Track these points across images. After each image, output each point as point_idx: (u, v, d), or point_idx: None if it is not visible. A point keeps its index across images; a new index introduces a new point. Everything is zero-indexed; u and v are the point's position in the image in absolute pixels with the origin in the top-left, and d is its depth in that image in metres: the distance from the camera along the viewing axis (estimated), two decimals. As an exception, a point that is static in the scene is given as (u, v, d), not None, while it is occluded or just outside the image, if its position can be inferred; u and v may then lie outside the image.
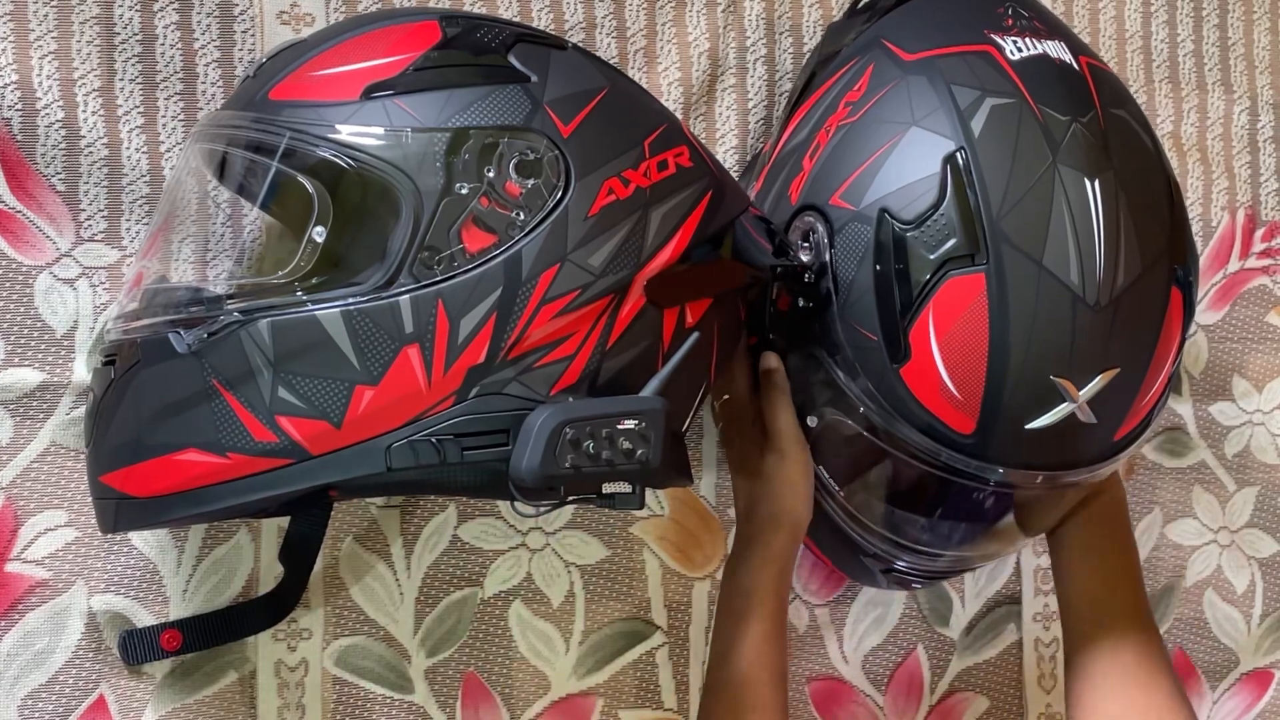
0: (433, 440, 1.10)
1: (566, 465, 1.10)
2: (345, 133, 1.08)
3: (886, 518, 1.36)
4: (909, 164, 1.22)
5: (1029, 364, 1.18)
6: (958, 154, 1.20)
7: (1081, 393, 1.19)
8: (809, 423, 1.34)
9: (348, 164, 1.08)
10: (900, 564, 1.40)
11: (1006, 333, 1.17)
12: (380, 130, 1.08)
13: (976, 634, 1.60)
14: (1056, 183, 1.18)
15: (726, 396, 1.40)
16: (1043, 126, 1.20)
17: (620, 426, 1.12)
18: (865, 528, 1.37)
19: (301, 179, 1.09)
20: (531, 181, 1.09)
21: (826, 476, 1.36)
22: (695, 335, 1.18)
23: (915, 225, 1.20)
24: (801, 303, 1.29)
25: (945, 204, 1.19)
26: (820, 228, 1.27)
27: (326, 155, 1.08)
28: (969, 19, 1.28)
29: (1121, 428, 1.24)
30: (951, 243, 1.18)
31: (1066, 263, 1.17)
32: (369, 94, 1.10)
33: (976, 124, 1.20)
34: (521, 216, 1.09)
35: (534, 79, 1.13)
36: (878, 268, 1.21)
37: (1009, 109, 1.21)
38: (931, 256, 1.19)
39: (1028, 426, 1.19)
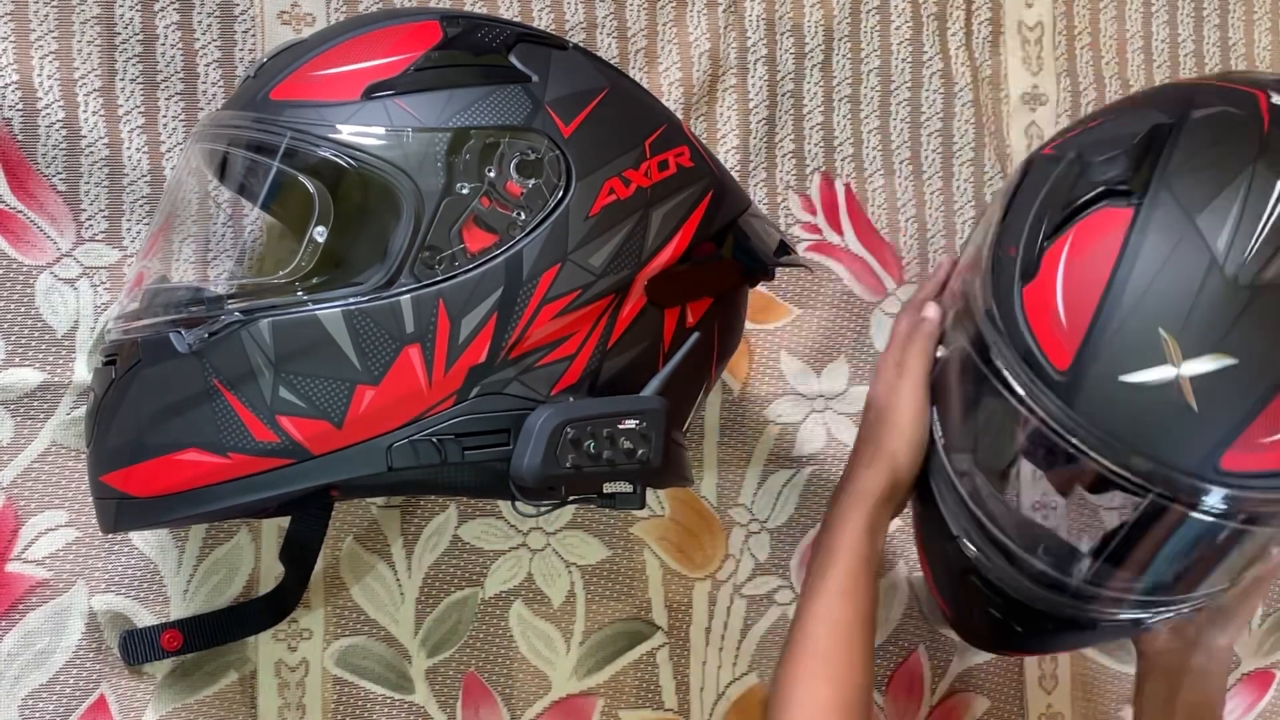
0: (434, 440, 1.10)
1: (567, 465, 1.11)
2: (346, 133, 1.09)
3: (973, 480, 1.32)
4: (1119, 128, 1.21)
5: (1142, 307, 1.12)
6: (1167, 125, 1.18)
7: (1186, 363, 1.11)
8: (937, 353, 1.32)
9: (349, 164, 1.08)
10: (985, 566, 1.32)
11: (1132, 269, 1.12)
12: (381, 130, 1.09)
13: (977, 634, 1.60)
14: (1246, 170, 1.13)
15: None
16: (1263, 138, 1.16)
17: (621, 426, 1.12)
18: (959, 501, 1.31)
19: (302, 179, 1.09)
20: (532, 181, 1.10)
21: (935, 419, 1.32)
22: (696, 335, 1.19)
23: (1096, 164, 1.18)
24: None
25: (1130, 150, 1.17)
26: (1019, 170, 1.27)
27: (327, 155, 1.08)
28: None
29: (1229, 451, 1.12)
30: (1116, 174, 1.16)
31: (1220, 229, 1.12)
32: (370, 94, 1.10)
33: (1199, 113, 1.18)
34: (522, 216, 1.09)
35: (535, 79, 1.13)
36: (1046, 193, 1.20)
37: (1238, 117, 1.18)
38: (1094, 182, 1.17)
39: (1122, 378, 1.12)
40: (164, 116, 1.34)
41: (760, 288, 1.51)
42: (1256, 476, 1.13)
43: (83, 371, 1.32)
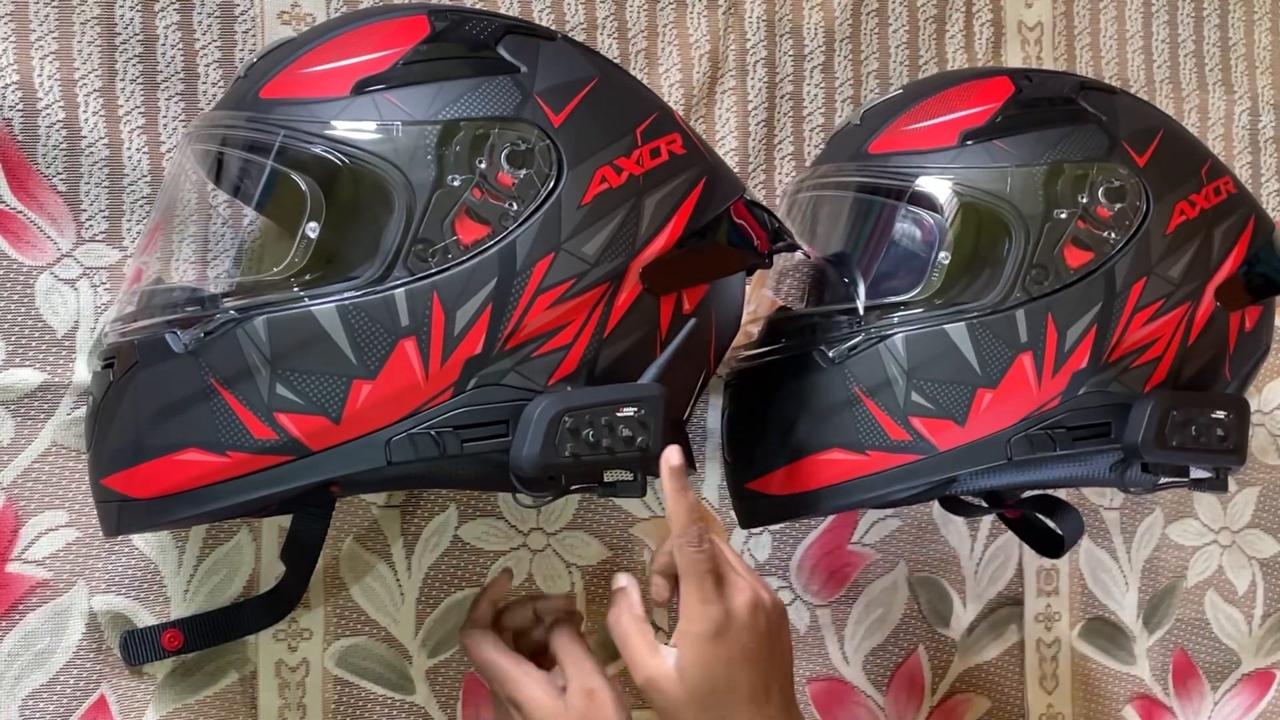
0: (432, 433, 1.10)
1: (566, 454, 1.11)
2: (336, 128, 1.09)
3: None
4: None
5: None
6: None
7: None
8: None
9: (339, 159, 1.09)
10: None
11: None
12: (371, 125, 1.09)
13: (978, 634, 1.60)
14: None
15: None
16: None
17: (619, 414, 1.12)
18: None
19: (294, 176, 1.10)
20: (523, 172, 1.10)
21: None
22: (693, 321, 1.18)
23: None
24: None
25: None
26: None
27: (318, 151, 1.09)
28: None
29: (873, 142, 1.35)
30: None
31: None
32: (359, 89, 1.10)
33: None
34: (514, 207, 1.09)
35: (523, 70, 1.13)
36: None
37: None
38: None
39: None
40: (164, 117, 1.35)
41: (765, 293, 1.51)
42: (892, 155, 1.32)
43: (83, 372, 1.32)
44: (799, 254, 1.36)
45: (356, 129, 1.09)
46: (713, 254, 1.21)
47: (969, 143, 1.28)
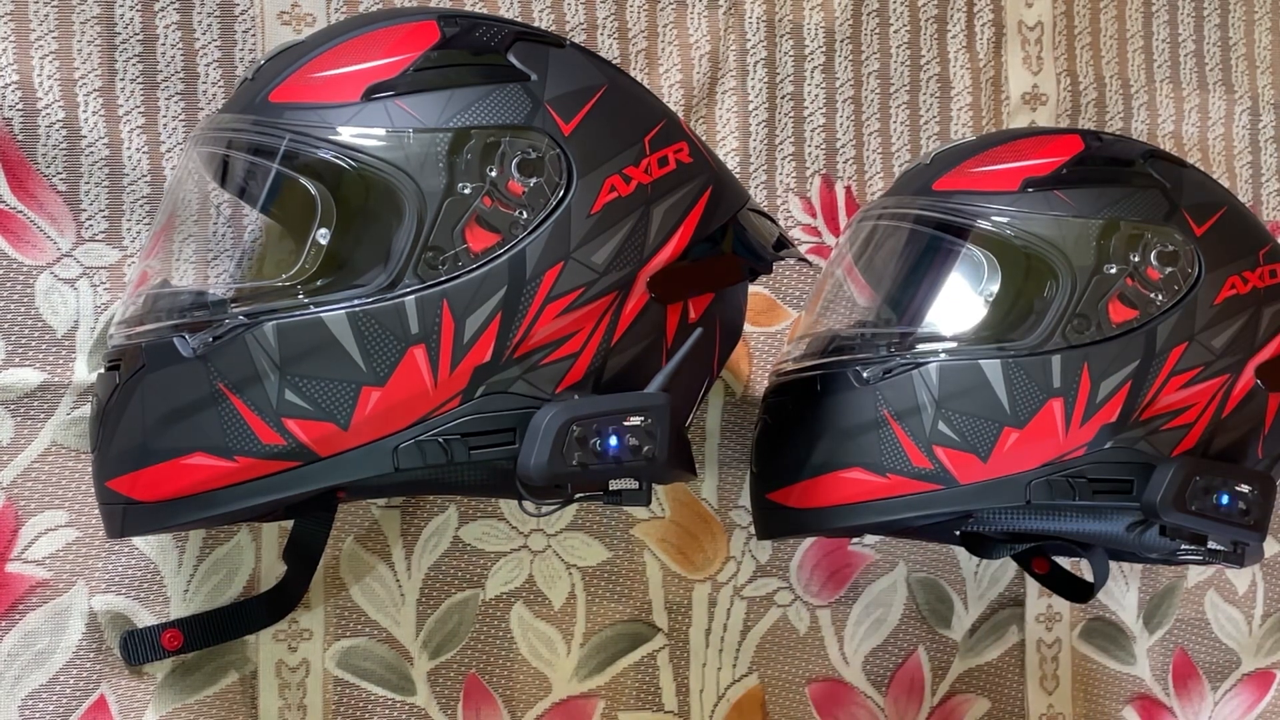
0: (440, 440, 1.10)
1: (574, 463, 1.11)
2: (347, 134, 1.09)
3: None
4: None
5: None
6: None
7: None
8: None
9: (350, 166, 1.08)
10: None
11: None
12: (382, 131, 1.09)
13: (979, 636, 1.60)
14: None
15: None
16: None
17: (626, 423, 1.12)
18: None
19: (304, 181, 1.10)
20: (534, 180, 1.10)
21: None
22: (698, 331, 1.19)
23: None
24: None
25: None
26: None
27: (329, 157, 1.09)
28: None
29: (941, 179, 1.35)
30: None
31: None
32: (370, 95, 1.10)
33: None
34: (524, 215, 1.09)
35: (534, 77, 1.13)
36: None
37: None
38: None
39: None
40: (164, 116, 1.34)
41: (762, 290, 1.51)
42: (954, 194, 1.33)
43: (83, 372, 1.32)
44: (846, 276, 1.37)
45: (368, 135, 1.09)
46: (719, 263, 1.21)
47: (1030, 190, 1.29)
